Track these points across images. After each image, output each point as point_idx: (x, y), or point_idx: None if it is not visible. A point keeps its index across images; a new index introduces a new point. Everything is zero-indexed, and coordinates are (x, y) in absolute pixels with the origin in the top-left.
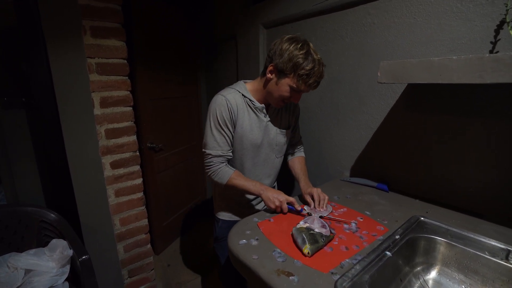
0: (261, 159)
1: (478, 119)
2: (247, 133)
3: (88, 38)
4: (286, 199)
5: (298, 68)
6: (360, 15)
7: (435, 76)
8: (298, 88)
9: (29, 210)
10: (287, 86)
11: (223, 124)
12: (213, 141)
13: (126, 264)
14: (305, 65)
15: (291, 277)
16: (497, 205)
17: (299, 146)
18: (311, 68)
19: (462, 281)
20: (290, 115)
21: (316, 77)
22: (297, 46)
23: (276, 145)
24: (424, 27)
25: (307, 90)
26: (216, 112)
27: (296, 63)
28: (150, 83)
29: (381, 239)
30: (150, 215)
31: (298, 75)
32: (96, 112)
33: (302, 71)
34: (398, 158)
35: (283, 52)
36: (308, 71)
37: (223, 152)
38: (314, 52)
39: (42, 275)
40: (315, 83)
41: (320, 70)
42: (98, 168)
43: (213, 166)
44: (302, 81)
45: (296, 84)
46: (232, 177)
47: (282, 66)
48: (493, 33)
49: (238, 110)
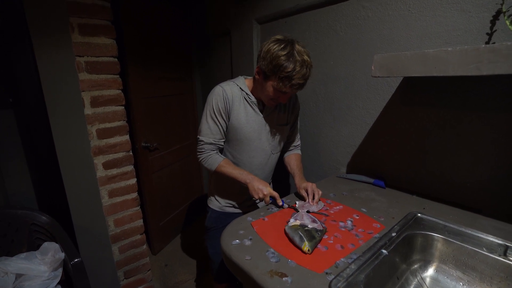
0: (257, 153)
1: (475, 112)
2: (242, 125)
3: (76, 36)
4: (269, 193)
5: (279, 70)
6: (354, 8)
7: (430, 68)
8: (280, 89)
9: (19, 212)
10: (271, 87)
11: (217, 113)
12: (207, 128)
13: (122, 265)
14: (286, 67)
15: (284, 278)
16: (495, 200)
17: (296, 144)
18: (291, 69)
19: (459, 278)
20: (289, 112)
21: (298, 78)
22: (280, 47)
23: (273, 141)
24: (419, 19)
25: (291, 91)
26: (213, 101)
27: (277, 65)
28: (143, 81)
29: (377, 236)
30: (146, 215)
31: (279, 77)
32: (86, 111)
33: (283, 73)
34: (395, 154)
35: (267, 54)
36: (289, 73)
37: (215, 140)
38: (299, 53)
39: (33, 279)
40: (297, 85)
41: (303, 72)
42: (90, 168)
43: (204, 152)
44: (283, 83)
45: (278, 86)
46: (220, 165)
47: (264, 68)
48: (489, 24)
49: (233, 102)
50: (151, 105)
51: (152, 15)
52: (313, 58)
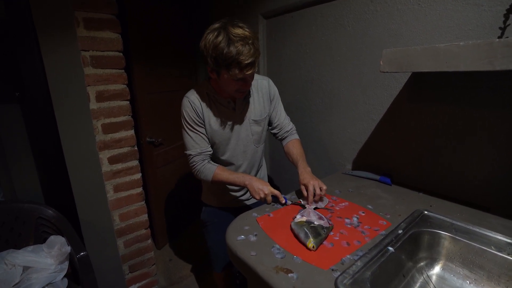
0: (240, 150)
1: (485, 109)
2: (216, 129)
3: (82, 30)
4: (271, 191)
5: (223, 59)
6: (362, 2)
7: (441, 64)
8: (236, 77)
9: (26, 206)
10: (227, 80)
11: (193, 124)
12: (190, 140)
13: (127, 259)
14: (228, 53)
15: (290, 274)
16: (504, 198)
17: (288, 129)
18: (235, 53)
19: (466, 276)
20: (264, 101)
21: (245, 59)
22: (214, 36)
23: (253, 135)
24: (429, 14)
25: (245, 75)
26: (184, 114)
27: (219, 55)
28: (147, 76)
29: (384, 234)
30: (150, 210)
31: (227, 66)
32: (92, 106)
33: (228, 60)
34: (401, 151)
35: (207, 50)
36: (233, 58)
37: (201, 149)
38: (235, 34)
39: (40, 271)
40: (247, 66)
41: (246, 50)
42: (95, 163)
43: (196, 165)
44: (234, 71)
45: (231, 75)
46: (216, 173)
47: (212, 65)
48: (503, 18)
49: (202, 108)
50: (155, 101)
51: (157, 11)
52: (319, 53)
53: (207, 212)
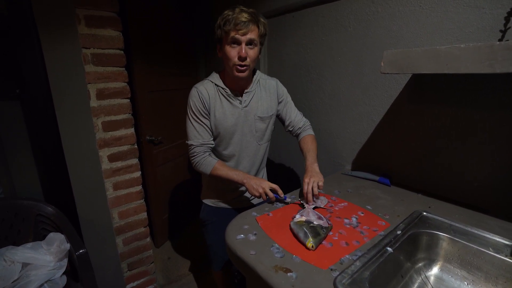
0: (242, 146)
1: (485, 111)
2: (220, 120)
3: (83, 27)
4: (269, 186)
5: (222, 19)
6: (364, 3)
7: (442, 66)
8: (232, 38)
9: (25, 203)
10: (227, 49)
11: (198, 114)
12: (193, 130)
13: (126, 257)
14: (227, 13)
15: (289, 274)
16: (503, 200)
17: (301, 125)
18: (231, 12)
19: (464, 278)
20: (271, 100)
21: (240, 16)
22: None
23: (256, 132)
24: (430, 15)
25: (239, 37)
26: (191, 104)
27: (222, 20)
28: (148, 75)
29: (382, 234)
30: (149, 208)
31: (225, 27)
32: (92, 104)
33: (225, 19)
34: (401, 152)
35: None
36: (229, 15)
37: (204, 141)
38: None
39: (39, 268)
40: (240, 23)
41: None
42: (95, 161)
43: (197, 156)
44: (227, 26)
45: (228, 36)
46: (215, 167)
47: (218, 34)
48: (503, 21)
49: (210, 99)
50: (156, 99)
51: (157, 9)
52: (320, 53)
53: (207, 211)
